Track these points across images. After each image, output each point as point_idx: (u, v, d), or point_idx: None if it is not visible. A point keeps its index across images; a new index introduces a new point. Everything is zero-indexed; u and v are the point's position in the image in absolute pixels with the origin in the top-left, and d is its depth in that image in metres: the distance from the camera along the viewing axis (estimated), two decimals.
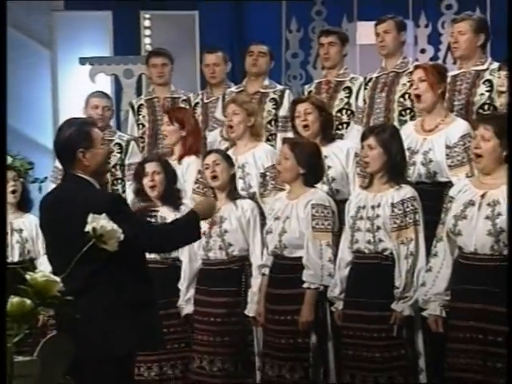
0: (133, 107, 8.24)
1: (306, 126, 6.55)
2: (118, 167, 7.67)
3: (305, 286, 6.02)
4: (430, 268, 5.58)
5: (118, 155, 7.70)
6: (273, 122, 7.58)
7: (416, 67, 6.52)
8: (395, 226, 5.76)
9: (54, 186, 6.84)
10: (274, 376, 6.09)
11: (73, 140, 4.98)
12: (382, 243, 5.80)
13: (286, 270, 6.14)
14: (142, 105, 8.15)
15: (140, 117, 8.08)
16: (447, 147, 6.16)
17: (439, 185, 6.14)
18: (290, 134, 7.17)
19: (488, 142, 5.37)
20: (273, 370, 6.11)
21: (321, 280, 5.98)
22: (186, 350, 6.61)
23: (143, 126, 7.99)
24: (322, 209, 6.08)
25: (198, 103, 8.01)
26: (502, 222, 5.25)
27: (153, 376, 6.59)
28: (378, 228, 5.79)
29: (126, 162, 7.67)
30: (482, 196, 5.38)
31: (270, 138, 7.40)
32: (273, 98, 7.65)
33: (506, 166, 5.38)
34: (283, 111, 7.57)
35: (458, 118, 6.34)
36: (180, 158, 7.16)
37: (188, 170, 7.05)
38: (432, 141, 6.19)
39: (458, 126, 6.21)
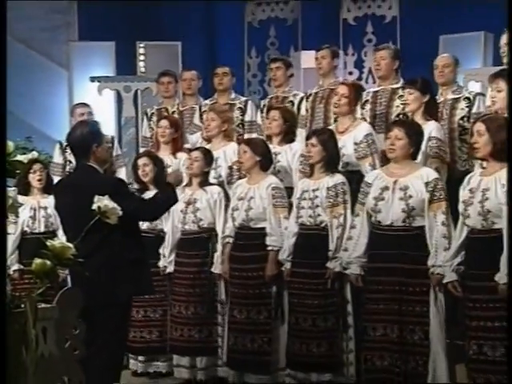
0: (146, 114, 8.17)
1: (268, 128, 6.58)
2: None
3: (269, 248, 6.04)
4: (350, 237, 5.61)
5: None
6: (240, 126, 7.50)
7: (341, 83, 6.55)
8: (329, 204, 5.78)
9: (55, 177, 6.90)
10: (242, 318, 6.08)
11: (89, 137, 4.98)
12: (319, 217, 5.82)
13: (251, 237, 6.14)
14: (153, 113, 8.05)
15: (151, 122, 7.98)
16: (355, 144, 6.19)
17: (350, 173, 6.12)
18: (255, 135, 7.20)
19: (400, 140, 5.41)
20: (241, 314, 6.10)
21: (281, 243, 6.00)
22: (164, 299, 6.59)
23: (153, 129, 7.85)
24: (280, 190, 6.12)
25: (174, 111, 7.89)
26: (413, 201, 5.31)
27: (139, 317, 6.59)
28: (317, 206, 5.81)
29: (114, 153, 7.53)
30: (394, 182, 5.42)
31: (238, 137, 7.28)
32: (239, 107, 7.57)
33: (411, 159, 5.44)
34: (248, 117, 7.52)
35: (363, 122, 6.41)
36: (173, 153, 7.07)
37: (185, 163, 6.90)
38: (344, 140, 6.20)
39: (363, 128, 6.27)
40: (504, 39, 6.24)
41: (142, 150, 7.84)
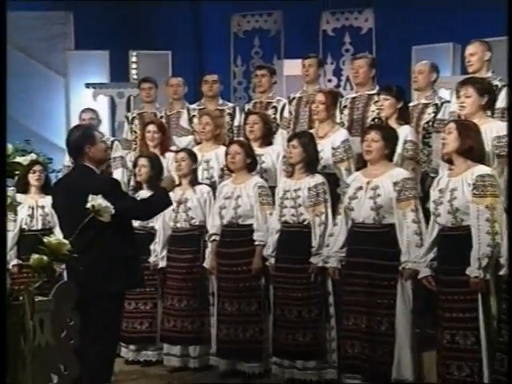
0: (128, 118, 8.10)
1: (251, 132, 6.52)
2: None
3: (256, 243, 6.02)
4: (332, 233, 5.63)
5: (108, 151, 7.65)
6: (230, 131, 7.44)
7: (319, 91, 6.53)
8: (311, 203, 5.76)
9: None
10: (233, 310, 6.06)
11: (81, 139, 4.98)
12: (302, 216, 5.79)
13: (239, 234, 6.11)
14: (134, 117, 7.98)
15: (133, 125, 7.92)
16: (332, 148, 6.18)
17: (327, 175, 6.06)
18: (242, 138, 7.16)
19: (376, 143, 5.43)
20: (232, 306, 6.08)
21: (267, 238, 5.97)
22: (154, 293, 6.56)
23: (135, 132, 7.81)
24: (265, 189, 6.11)
25: (162, 116, 7.82)
26: (380, 200, 5.33)
27: (131, 309, 6.53)
28: (300, 205, 5.79)
29: (112, 155, 7.50)
30: (368, 183, 5.44)
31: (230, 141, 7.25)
32: (229, 113, 7.51)
33: (386, 161, 5.46)
34: (236, 122, 7.46)
35: (341, 128, 6.41)
36: (162, 154, 6.99)
37: (172, 164, 6.86)
38: (323, 144, 6.17)
39: (341, 134, 6.27)
40: (469, 50, 6.27)
41: (124, 151, 7.75)
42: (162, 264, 6.48)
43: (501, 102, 6.11)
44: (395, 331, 5.29)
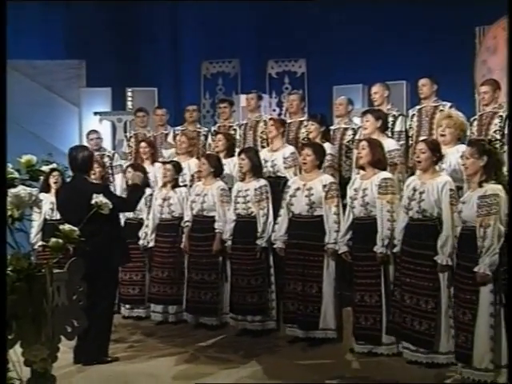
0: (126, 137, 8.03)
1: (217, 147, 6.50)
2: (109, 168, 7.48)
3: (216, 230, 6.00)
4: (277, 222, 5.62)
5: (110, 161, 7.53)
6: (203, 147, 7.38)
7: (270, 119, 6.53)
8: (257, 199, 5.76)
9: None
10: (198, 279, 6.05)
11: (91, 159, 4.98)
12: (250, 209, 5.79)
13: (204, 223, 6.08)
14: (131, 136, 7.89)
15: (129, 142, 7.84)
16: (283, 158, 6.19)
17: (279, 178, 6.12)
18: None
19: (309, 156, 5.47)
20: (197, 276, 6.06)
21: (225, 227, 5.95)
22: (143, 267, 6.52)
23: (131, 147, 7.76)
24: (226, 191, 6.09)
25: (150, 136, 7.75)
26: (313, 198, 5.36)
27: (126, 278, 6.50)
28: (248, 201, 5.79)
29: (114, 164, 7.49)
30: (304, 185, 5.46)
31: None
32: (203, 134, 7.47)
33: (317, 169, 5.46)
34: (208, 142, 7.39)
35: (289, 145, 6.41)
36: (152, 163, 6.94)
37: (159, 171, 6.79)
38: (276, 155, 6.22)
39: (289, 148, 6.28)
40: (373, 90, 6.49)
41: (122, 162, 7.63)
42: (151, 244, 6.43)
43: (397, 126, 6.31)
44: (322, 294, 5.32)
